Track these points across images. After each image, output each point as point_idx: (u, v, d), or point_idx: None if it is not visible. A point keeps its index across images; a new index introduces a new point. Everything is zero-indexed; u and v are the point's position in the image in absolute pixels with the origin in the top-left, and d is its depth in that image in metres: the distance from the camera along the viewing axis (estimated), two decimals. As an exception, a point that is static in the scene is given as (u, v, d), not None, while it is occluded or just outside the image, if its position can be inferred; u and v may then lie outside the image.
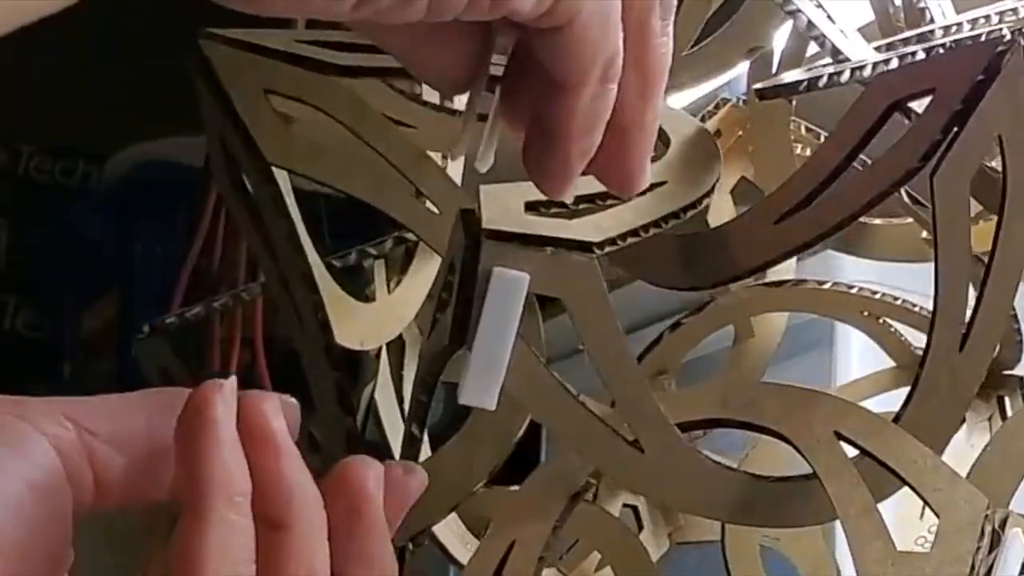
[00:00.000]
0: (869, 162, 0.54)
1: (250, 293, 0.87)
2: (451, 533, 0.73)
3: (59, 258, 1.22)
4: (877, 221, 0.82)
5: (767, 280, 0.85)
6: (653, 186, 0.54)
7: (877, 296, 0.80)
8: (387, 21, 0.39)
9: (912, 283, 0.76)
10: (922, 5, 0.71)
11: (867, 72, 0.51)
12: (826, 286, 0.81)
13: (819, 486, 0.51)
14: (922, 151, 0.50)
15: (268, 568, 0.40)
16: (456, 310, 0.49)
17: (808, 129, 0.81)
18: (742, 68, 0.81)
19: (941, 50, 0.50)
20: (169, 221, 1.10)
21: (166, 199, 1.13)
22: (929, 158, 0.50)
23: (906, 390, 0.80)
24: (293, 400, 0.44)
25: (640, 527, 0.81)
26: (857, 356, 0.96)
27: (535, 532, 0.55)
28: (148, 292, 1.11)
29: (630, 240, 0.51)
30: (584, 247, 0.49)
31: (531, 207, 0.50)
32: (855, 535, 0.49)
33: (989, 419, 0.74)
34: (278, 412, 0.42)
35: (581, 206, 0.52)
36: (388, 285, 0.74)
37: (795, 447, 0.52)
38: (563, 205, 0.51)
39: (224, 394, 0.41)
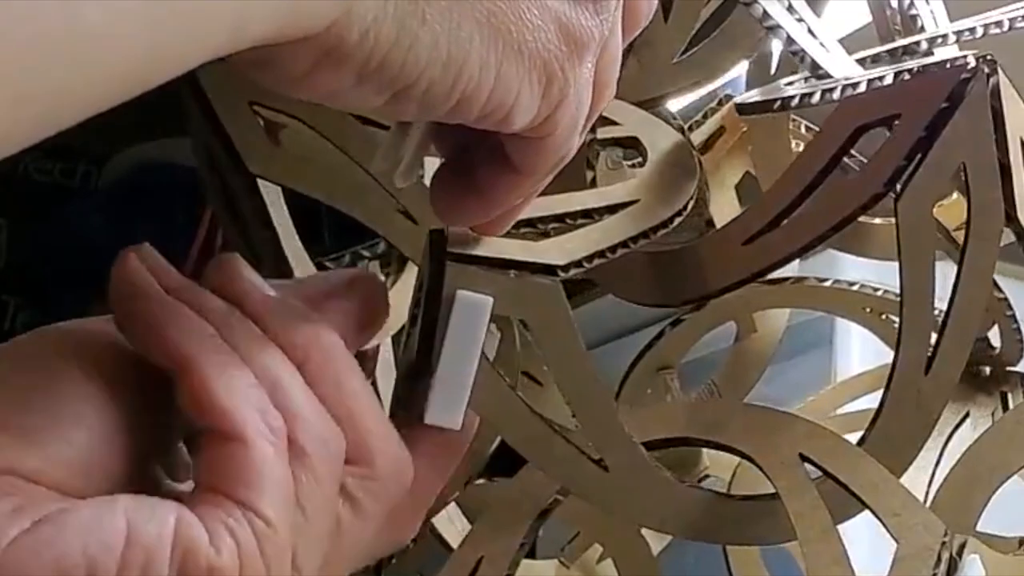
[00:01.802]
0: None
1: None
2: (450, 525, 0.74)
3: (59, 258, 1.22)
4: (877, 221, 0.82)
5: (768, 277, 0.85)
6: (625, 204, 0.54)
7: (878, 293, 0.81)
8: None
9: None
10: (913, 12, 0.71)
11: (836, 95, 0.51)
12: (827, 283, 0.81)
13: (782, 506, 0.52)
14: (887, 176, 0.50)
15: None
16: (421, 330, 0.49)
17: (808, 128, 0.81)
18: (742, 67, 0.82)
19: (907, 75, 0.50)
20: (169, 222, 1.11)
21: (166, 200, 1.14)
22: (893, 183, 0.50)
23: None
24: None
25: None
26: (857, 356, 0.96)
27: (502, 548, 0.55)
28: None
29: (597, 262, 0.51)
30: (548, 270, 0.50)
31: (499, 228, 0.51)
32: (813, 558, 0.50)
33: (992, 414, 0.74)
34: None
35: (551, 226, 0.52)
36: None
37: (759, 467, 0.53)
38: (532, 225, 0.52)
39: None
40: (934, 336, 0.53)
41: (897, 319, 0.83)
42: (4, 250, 1.26)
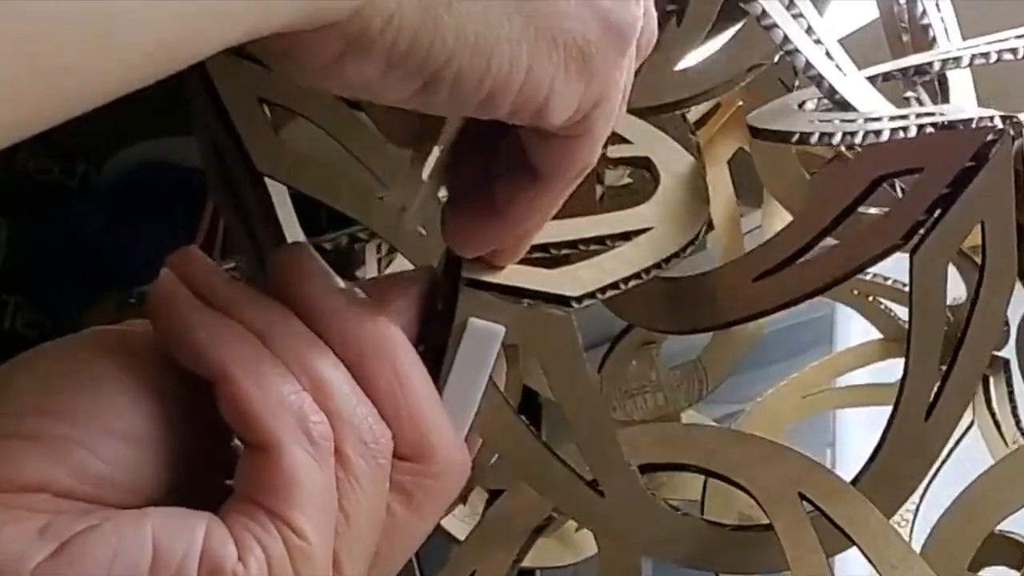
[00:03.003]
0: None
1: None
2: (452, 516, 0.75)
3: (59, 258, 1.21)
4: (872, 211, 0.82)
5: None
6: (639, 232, 0.54)
7: (868, 277, 0.81)
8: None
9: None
10: (925, 22, 0.70)
11: (858, 139, 0.51)
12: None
13: (775, 537, 0.53)
14: (904, 229, 0.50)
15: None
16: (430, 351, 0.49)
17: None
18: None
19: (931, 128, 0.50)
20: (169, 221, 1.10)
21: (166, 199, 1.13)
22: (910, 238, 0.50)
23: (894, 361, 0.82)
24: None
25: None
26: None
27: (496, 564, 0.56)
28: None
29: (610, 293, 0.51)
30: (562, 301, 0.50)
31: (513, 253, 0.51)
32: (807, 600, 0.50)
33: (973, 396, 0.75)
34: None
35: (564, 252, 0.52)
36: (379, 267, 0.75)
37: (756, 501, 0.53)
38: (545, 251, 0.52)
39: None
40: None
41: (884, 302, 0.85)
42: (4, 250, 1.24)
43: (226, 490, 0.40)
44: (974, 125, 0.49)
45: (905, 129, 0.50)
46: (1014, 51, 0.63)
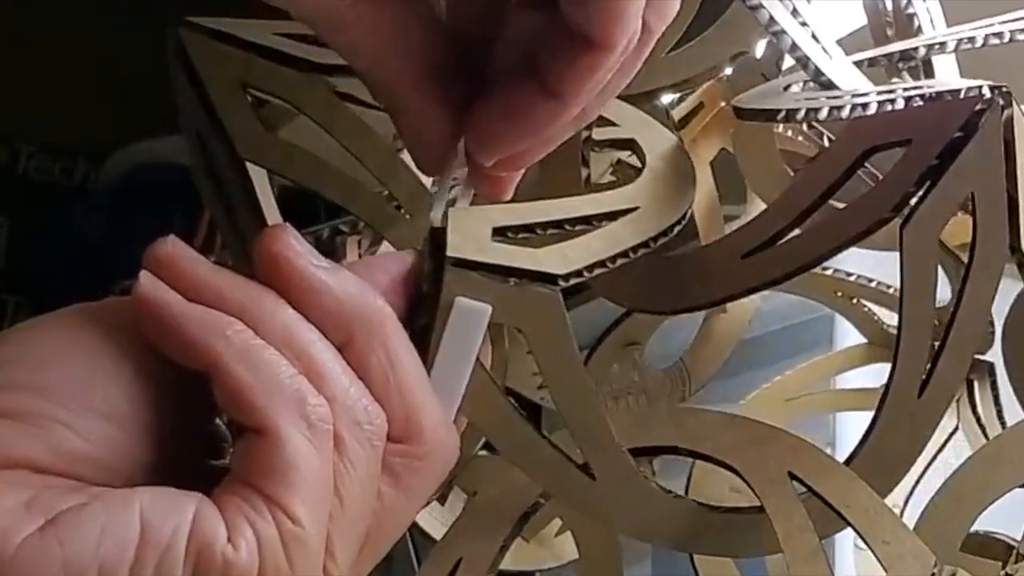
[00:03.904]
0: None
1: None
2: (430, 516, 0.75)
3: (59, 258, 1.21)
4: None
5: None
6: (625, 212, 0.54)
7: (851, 278, 0.81)
8: None
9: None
10: (911, 11, 0.70)
11: (845, 113, 0.51)
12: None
13: (767, 520, 0.52)
14: (893, 202, 0.50)
15: None
16: (416, 332, 0.49)
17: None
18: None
19: (919, 100, 0.49)
20: (169, 221, 1.10)
21: (166, 199, 1.13)
22: (900, 209, 0.50)
23: (881, 366, 0.82)
24: None
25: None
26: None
27: (482, 550, 0.55)
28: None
29: (597, 271, 0.51)
30: (549, 279, 0.49)
31: (498, 232, 0.50)
32: (800, 579, 0.50)
33: (957, 401, 0.74)
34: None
35: (549, 232, 0.52)
36: (360, 260, 0.74)
37: (747, 483, 0.53)
38: (531, 231, 0.51)
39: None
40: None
41: (869, 304, 0.84)
42: (4, 250, 1.24)
43: (210, 471, 0.39)
44: (962, 95, 0.48)
45: (892, 101, 0.50)
46: (1000, 35, 0.63)
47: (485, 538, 0.55)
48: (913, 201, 0.49)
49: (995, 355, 0.75)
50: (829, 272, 0.82)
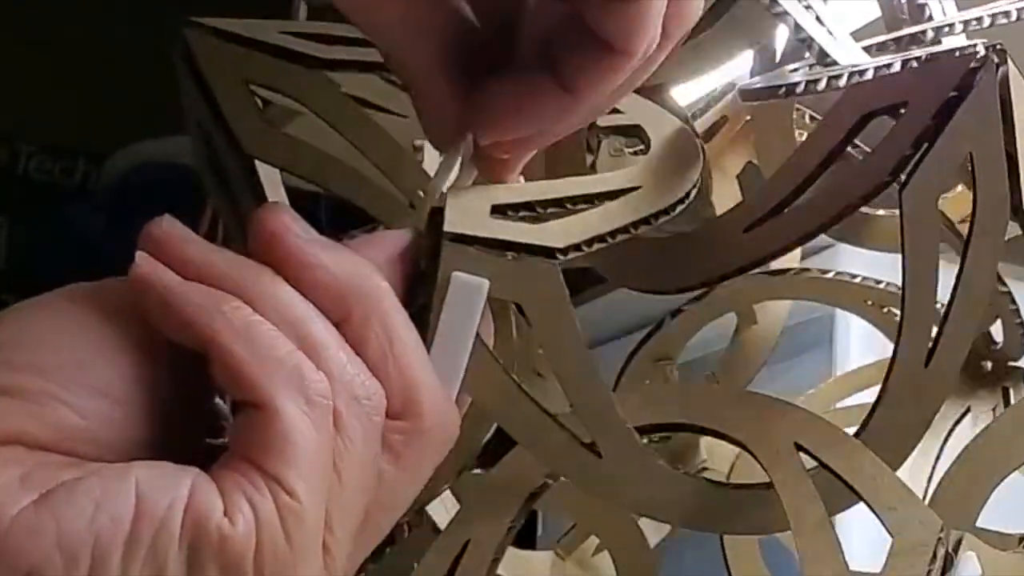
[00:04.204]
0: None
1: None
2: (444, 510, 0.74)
3: (59, 258, 1.23)
4: (880, 212, 0.81)
5: (769, 268, 0.84)
6: (626, 191, 0.53)
7: (881, 286, 0.80)
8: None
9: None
10: (921, 1, 0.70)
11: (842, 82, 0.51)
12: (829, 275, 0.80)
13: (776, 496, 0.51)
14: (892, 165, 0.49)
15: None
16: (416, 310, 0.49)
17: (812, 117, 0.80)
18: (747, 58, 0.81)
19: (915, 63, 0.49)
20: None
21: (166, 199, 1.14)
22: (899, 173, 0.49)
23: None
24: None
25: (640, 512, 0.81)
26: (857, 355, 0.95)
27: (489, 532, 0.55)
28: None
29: (596, 246, 0.50)
30: (547, 253, 0.49)
31: (497, 210, 0.50)
32: (807, 551, 0.49)
33: (993, 410, 0.73)
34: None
35: (549, 210, 0.52)
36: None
37: (754, 456, 0.52)
38: (531, 209, 0.51)
39: None
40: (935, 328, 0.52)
41: (899, 313, 0.84)
42: (4, 250, 1.26)
43: (209, 449, 0.39)
44: (957, 54, 0.48)
45: (888, 65, 0.49)
46: (1007, 14, 0.63)
47: (493, 520, 0.55)
48: (911, 164, 0.49)
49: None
50: (858, 280, 0.82)
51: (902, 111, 0.50)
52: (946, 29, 0.62)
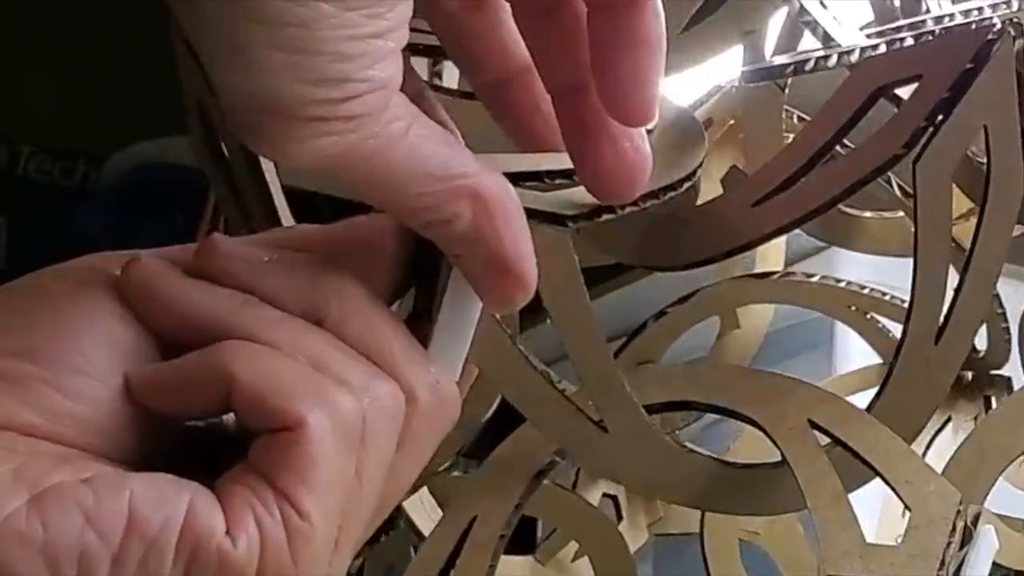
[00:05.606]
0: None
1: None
2: (424, 512, 0.73)
3: (59, 258, 1.22)
4: (867, 214, 0.81)
5: (754, 272, 0.84)
6: (633, 165, 0.53)
7: (865, 291, 0.80)
8: None
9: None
10: (916, -4, 0.70)
11: (855, 57, 0.50)
12: (814, 279, 0.80)
13: (788, 474, 0.50)
14: (906, 138, 0.49)
15: None
16: (422, 277, 0.48)
17: (800, 118, 0.80)
18: (735, 55, 0.80)
19: (930, 37, 0.49)
20: (169, 221, 1.10)
21: (166, 199, 1.13)
22: (912, 145, 0.49)
23: None
24: None
25: (620, 517, 0.80)
26: (857, 356, 0.95)
27: (496, 509, 0.54)
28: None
29: (605, 216, 0.50)
30: (558, 220, 0.48)
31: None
32: (824, 525, 0.48)
33: (975, 418, 0.73)
34: None
35: (557, 181, 0.51)
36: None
37: (767, 433, 0.52)
38: (539, 179, 0.50)
39: None
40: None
41: (882, 319, 0.83)
42: (4, 250, 1.25)
43: (199, 430, 0.38)
44: (973, 27, 0.48)
45: (902, 40, 0.49)
46: (1008, 3, 0.63)
47: (500, 496, 0.54)
48: (925, 137, 0.49)
49: (1013, 370, 0.75)
50: (843, 284, 0.82)
51: (917, 84, 0.49)
52: (946, 19, 0.63)
